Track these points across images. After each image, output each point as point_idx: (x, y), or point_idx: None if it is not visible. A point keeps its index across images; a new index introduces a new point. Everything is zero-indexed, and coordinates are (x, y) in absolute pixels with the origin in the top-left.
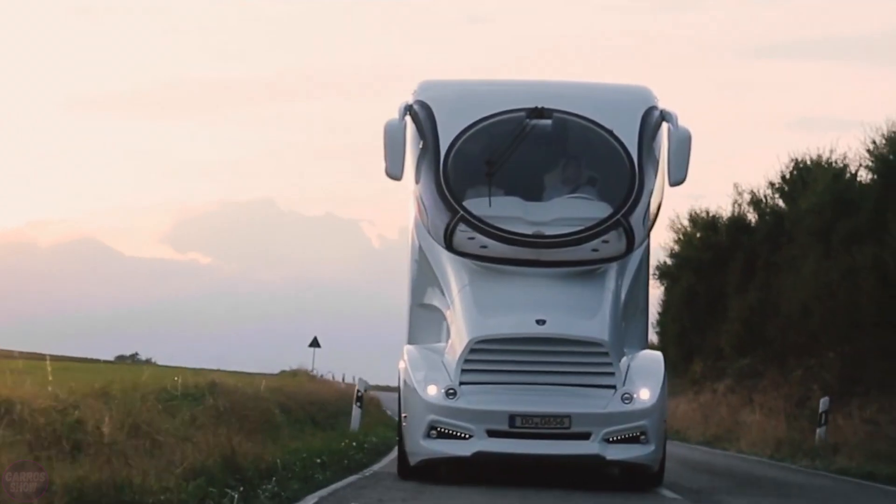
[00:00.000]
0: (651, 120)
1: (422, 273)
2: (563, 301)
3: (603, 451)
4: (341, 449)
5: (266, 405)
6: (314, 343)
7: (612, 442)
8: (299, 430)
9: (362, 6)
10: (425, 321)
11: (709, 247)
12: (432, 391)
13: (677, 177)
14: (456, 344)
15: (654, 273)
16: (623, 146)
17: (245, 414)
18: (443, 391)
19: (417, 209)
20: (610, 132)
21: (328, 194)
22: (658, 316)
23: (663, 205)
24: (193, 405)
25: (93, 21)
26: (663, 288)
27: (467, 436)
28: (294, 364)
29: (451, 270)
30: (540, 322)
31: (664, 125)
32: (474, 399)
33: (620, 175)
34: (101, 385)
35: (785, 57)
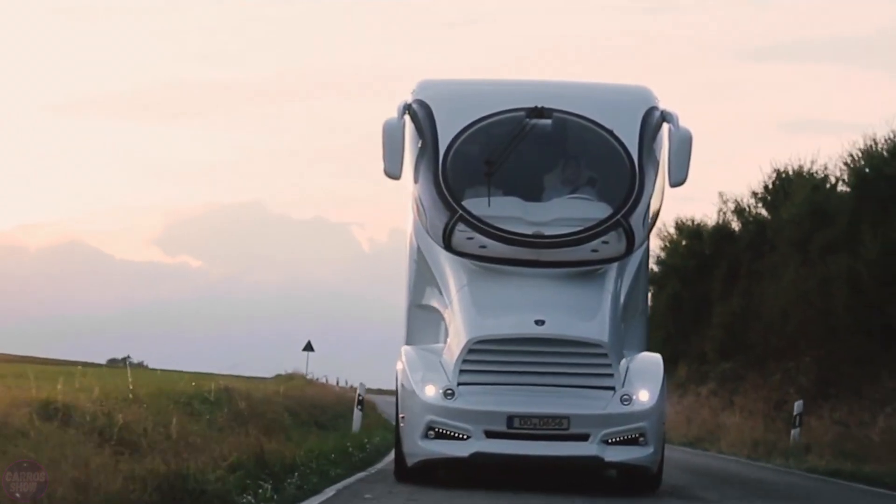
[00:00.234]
0: (652, 120)
1: (420, 273)
2: (563, 302)
3: (602, 453)
4: (348, 448)
5: (276, 408)
6: (308, 347)
7: (611, 443)
8: (306, 432)
9: (353, 8)
10: (423, 322)
11: (693, 255)
12: (430, 392)
13: (678, 177)
14: (454, 344)
15: None
16: (623, 146)
17: (261, 416)
18: (441, 392)
19: (416, 209)
20: (610, 132)
21: (318, 197)
22: None
23: (663, 206)
24: (213, 409)
25: (81, 24)
26: (650, 294)
27: (465, 437)
28: (288, 367)
29: (450, 270)
30: (539, 323)
31: (665, 126)
32: (472, 400)
33: (620, 175)
34: (129, 389)
35: (776, 59)
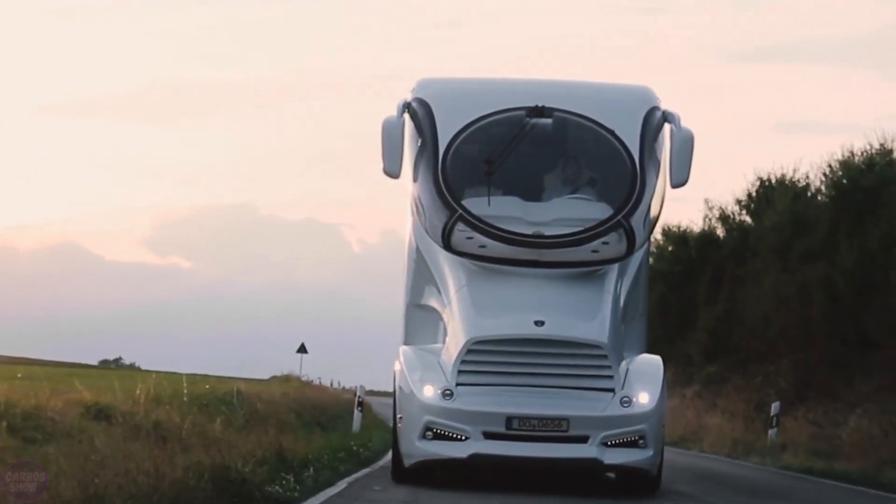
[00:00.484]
0: (653, 120)
1: (419, 273)
2: (563, 302)
3: (601, 455)
4: (353, 447)
5: (284, 409)
6: (301, 349)
7: (611, 446)
8: (310, 432)
9: (347, 8)
10: (422, 322)
11: (679, 260)
12: (428, 392)
13: (679, 178)
14: (453, 344)
15: None
16: (624, 146)
17: (274, 417)
18: (439, 392)
19: (415, 208)
20: (611, 132)
21: (308, 199)
22: None
23: (664, 206)
24: (227, 409)
25: (73, 25)
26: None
27: (463, 437)
28: (281, 369)
29: (449, 270)
30: (539, 323)
31: (666, 126)
32: (471, 400)
33: (621, 176)
34: (151, 391)
35: (769, 60)
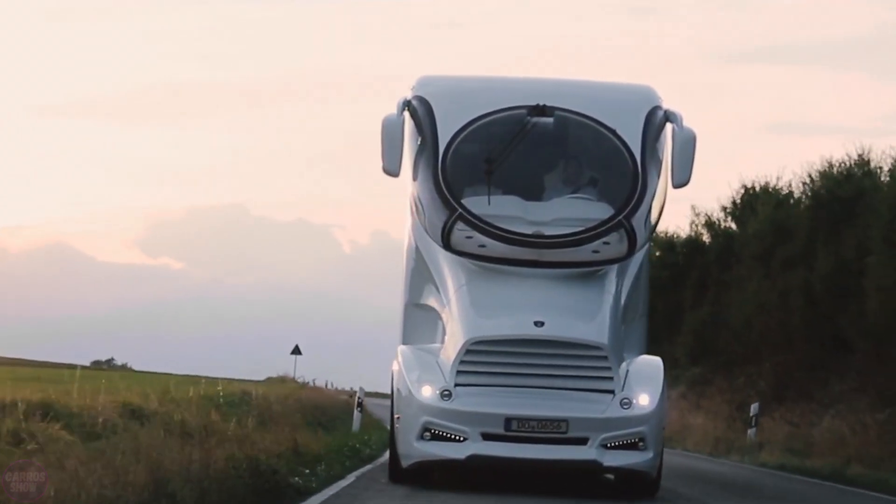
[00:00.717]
0: (655, 120)
1: (417, 272)
2: (563, 303)
3: (600, 457)
4: (356, 445)
5: (290, 410)
6: (296, 351)
7: (610, 448)
8: (313, 432)
9: (338, 11)
10: (420, 321)
11: (666, 265)
12: (427, 392)
13: (681, 178)
14: (451, 345)
15: None
16: (626, 146)
17: (282, 417)
18: (437, 392)
19: (414, 207)
20: (613, 131)
21: (299, 200)
22: None
23: (665, 207)
24: (238, 409)
25: (64, 27)
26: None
27: (462, 438)
28: (274, 370)
29: (448, 270)
30: (538, 324)
31: (668, 125)
32: (469, 401)
33: (623, 176)
34: (169, 393)
35: (760, 61)
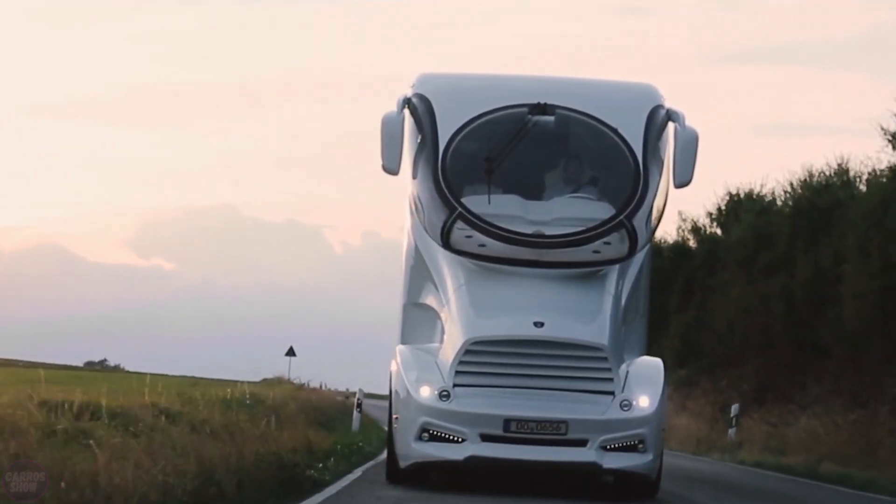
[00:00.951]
0: (657, 119)
1: (417, 271)
2: (563, 303)
3: (600, 459)
4: (359, 443)
5: (295, 410)
6: (290, 352)
7: (610, 450)
8: (315, 432)
9: (331, 10)
10: (419, 321)
11: (653, 270)
12: (425, 392)
13: (683, 178)
14: (450, 345)
15: None
16: (627, 145)
17: (291, 416)
18: (436, 393)
19: (413, 206)
20: (614, 130)
21: (290, 200)
22: None
23: (667, 207)
24: (254, 409)
25: (55, 27)
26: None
27: (460, 439)
28: (269, 371)
29: (448, 269)
30: (538, 324)
31: (670, 125)
32: (468, 402)
33: (624, 175)
34: (185, 395)
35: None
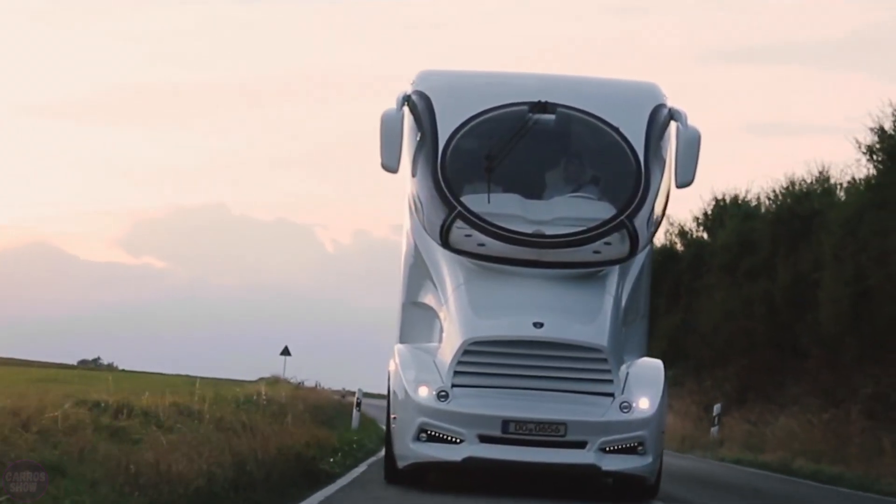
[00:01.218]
0: (659, 118)
1: (416, 270)
2: (562, 304)
3: (599, 461)
4: (362, 440)
5: (299, 409)
6: (285, 352)
7: (609, 452)
8: (317, 429)
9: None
10: (418, 320)
11: None
12: (423, 392)
13: (685, 178)
14: (449, 345)
15: None
16: (629, 144)
17: (295, 415)
18: (434, 393)
19: (413, 204)
20: (616, 129)
21: (280, 199)
22: None
23: (668, 207)
24: (267, 408)
25: (46, 26)
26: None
27: (458, 440)
28: (264, 370)
29: (447, 268)
30: (537, 325)
31: (672, 124)
32: (467, 402)
33: (625, 175)
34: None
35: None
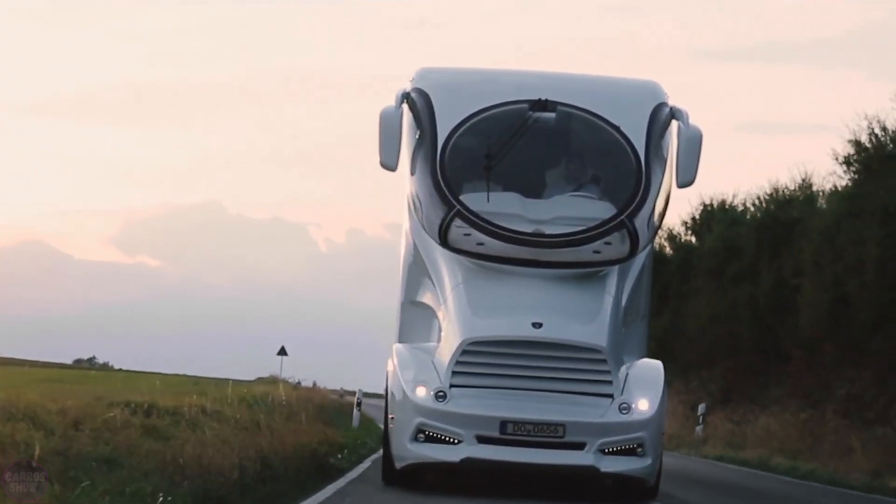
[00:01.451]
0: (660, 117)
1: (414, 269)
2: (562, 304)
3: (597, 463)
4: (364, 438)
5: (301, 409)
6: (282, 352)
7: (608, 453)
8: (326, 428)
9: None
10: (416, 319)
11: None
12: (421, 393)
13: (686, 178)
14: (447, 344)
15: None
16: (630, 143)
17: (299, 414)
18: (432, 393)
19: (412, 203)
20: (616, 128)
21: (275, 198)
22: None
23: (669, 206)
24: (266, 409)
25: (41, 26)
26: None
27: (456, 441)
28: (262, 369)
29: (445, 267)
30: (536, 325)
31: (674, 123)
32: (465, 403)
33: (626, 174)
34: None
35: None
